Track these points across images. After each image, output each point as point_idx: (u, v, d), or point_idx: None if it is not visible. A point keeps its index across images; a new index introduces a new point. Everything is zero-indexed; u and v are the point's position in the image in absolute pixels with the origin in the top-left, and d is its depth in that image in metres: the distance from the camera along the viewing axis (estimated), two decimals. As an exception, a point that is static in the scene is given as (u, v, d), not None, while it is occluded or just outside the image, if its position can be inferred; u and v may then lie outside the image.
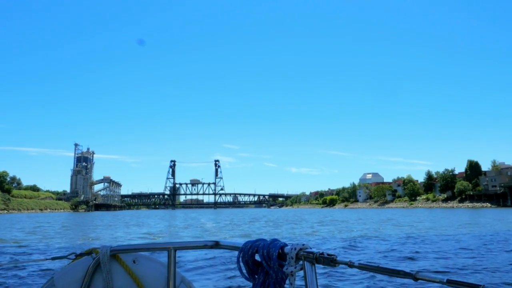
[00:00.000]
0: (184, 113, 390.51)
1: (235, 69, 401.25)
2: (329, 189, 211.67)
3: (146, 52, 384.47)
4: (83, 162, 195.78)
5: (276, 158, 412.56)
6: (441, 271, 10.27)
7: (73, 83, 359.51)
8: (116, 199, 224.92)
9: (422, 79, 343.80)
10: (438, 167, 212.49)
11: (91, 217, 69.73)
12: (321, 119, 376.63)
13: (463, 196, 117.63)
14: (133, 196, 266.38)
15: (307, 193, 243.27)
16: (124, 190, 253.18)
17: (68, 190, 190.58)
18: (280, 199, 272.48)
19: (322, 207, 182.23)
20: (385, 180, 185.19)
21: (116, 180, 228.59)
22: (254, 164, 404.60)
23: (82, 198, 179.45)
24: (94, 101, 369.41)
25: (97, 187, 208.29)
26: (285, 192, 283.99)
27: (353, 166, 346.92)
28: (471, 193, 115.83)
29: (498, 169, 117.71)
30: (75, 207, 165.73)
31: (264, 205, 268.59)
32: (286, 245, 1.77)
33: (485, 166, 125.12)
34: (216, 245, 2.16)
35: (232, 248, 2.04)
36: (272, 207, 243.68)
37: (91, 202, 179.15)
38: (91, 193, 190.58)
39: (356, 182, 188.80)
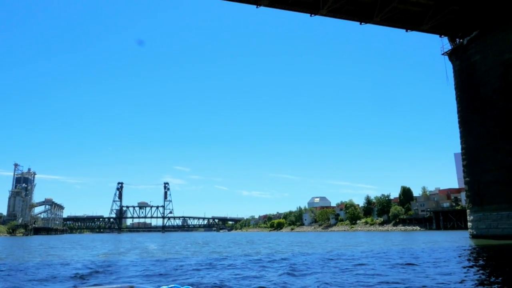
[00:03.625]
0: (133, 134, 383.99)
1: (187, 91, 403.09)
2: (277, 212, 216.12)
3: (91, 74, 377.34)
4: (23, 183, 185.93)
5: (227, 181, 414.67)
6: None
7: (15, 104, 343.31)
8: (57, 222, 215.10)
9: (371, 104, 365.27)
10: (381, 191, 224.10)
11: (22, 243, 67.00)
12: (273, 143, 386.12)
13: (397, 220, 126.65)
14: (76, 219, 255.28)
15: (256, 216, 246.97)
16: (67, 213, 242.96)
17: (4, 212, 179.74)
18: (230, 222, 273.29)
19: (270, 230, 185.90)
20: (332, 204, 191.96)
21: (58, 203, 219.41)
22: (205, 186, 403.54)
23: (20, 221, 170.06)
24: (37, 122, 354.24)
25: (37, 210, 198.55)
26: (236, 215, 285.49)
27: (303, 190, 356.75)
28: (404, 217, 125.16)
29: (427, 195, 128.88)
30: (12, 231, 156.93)
31: (213, 228, 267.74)
32: None
33: (417, 192, 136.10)
34: None
35: None
36: (222, 231, 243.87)
37: (30, 226, 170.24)
38: (30, 216, 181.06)
39: (305, 205, 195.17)
